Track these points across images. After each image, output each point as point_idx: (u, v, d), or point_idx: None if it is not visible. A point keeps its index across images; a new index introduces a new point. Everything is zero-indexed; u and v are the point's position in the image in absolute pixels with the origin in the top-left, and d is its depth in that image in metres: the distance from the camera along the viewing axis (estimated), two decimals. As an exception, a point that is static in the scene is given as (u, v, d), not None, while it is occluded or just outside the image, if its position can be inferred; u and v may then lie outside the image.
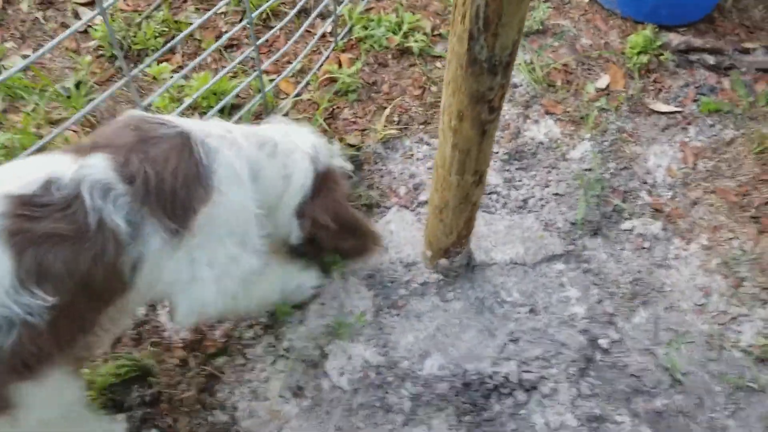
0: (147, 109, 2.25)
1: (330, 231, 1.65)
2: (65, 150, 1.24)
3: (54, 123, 2.23)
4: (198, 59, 2.01)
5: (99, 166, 1.18)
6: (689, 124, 2.29)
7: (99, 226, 1.16)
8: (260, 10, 2.21)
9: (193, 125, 1.35)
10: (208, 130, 1.36)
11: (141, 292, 1.33)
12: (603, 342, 1.86)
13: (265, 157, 1.46)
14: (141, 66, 1.90)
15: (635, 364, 1.83)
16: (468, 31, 1.18)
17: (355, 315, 1.84)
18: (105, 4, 1.54)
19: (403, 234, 2.01)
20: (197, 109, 2.19)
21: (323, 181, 1.60)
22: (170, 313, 1.50)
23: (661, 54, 2.41)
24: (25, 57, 2.39)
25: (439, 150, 1.51)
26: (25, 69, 2.38)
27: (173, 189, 1.23)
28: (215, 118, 1.59)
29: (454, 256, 1.80)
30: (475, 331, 1.84)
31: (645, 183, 2.16)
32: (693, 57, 2.43)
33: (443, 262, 1.83)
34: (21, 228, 1.09)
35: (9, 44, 2.43)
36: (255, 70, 2.07)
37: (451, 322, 1.85)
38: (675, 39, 2.44)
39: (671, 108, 2.33)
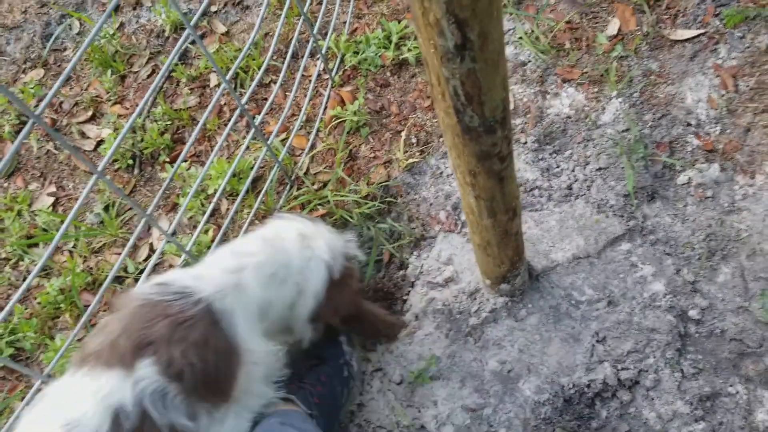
0: (175, 210, 2.27)
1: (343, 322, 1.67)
2: (108, 360, 1.20)
3: (97, 252, 2.28)
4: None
5: (149, 375, 1.17)
6: (717, 43, 2.12)
7: None
8: (231, 71, 2.16)
9: (209, 284, 1.31)
10: (219, 282, 1.32)
11: None
12: (693, 313, 1.77)
13: (275, 290, 1.43)
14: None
15: (733, 327, 1.74)
16: (453, 107, 1.11)
17: (427, 360, 1.82)
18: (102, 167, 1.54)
19: (457, 260, 1.96)
20: (221, 196, 2.19)
21: (336, 284, 1.54)
22: None
23: (666, -24, 2.23)
24: (51, 195, 2.44)
25: (463, 199, 1.44)
26: (54, 204, 2.44)
27: (216, 369, 1.24)
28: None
29: (513, 279, 1.74)
30: (558, 342, 1.79)
31: (689, 125, 2.02)
32: (701, -33, 2.23)
33: (504, 286, 1.77)
34: None
35: (32, 186, 2.48)
36: (260, 140, 2.03)
37: (532, 340, 1.80)
38: (676, -46, 2.24)
39: (693, 32, 2.15)
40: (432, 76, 1.08)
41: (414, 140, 2.21)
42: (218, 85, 2.51)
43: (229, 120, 2.44)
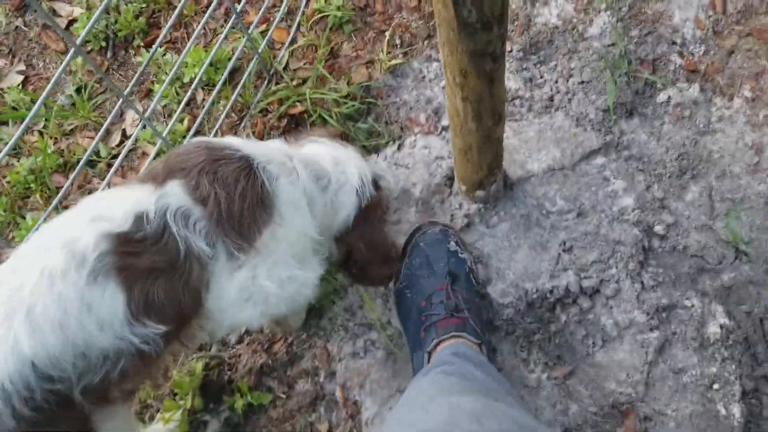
0: (148, 95, 2.22)
1: (363, 255, 1.66)
2: (144, 178, 1.30)
3: (68, 134, 2.23)
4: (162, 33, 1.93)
5: (176, 193, 1.24)
6: (712, -39, 2.09)
7: (186, 254, 1.23)
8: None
9: (256, 149, 1.37)
10: (270, 156, 1.38)
11: (206, 312, 1.35)
12: (658, 228, 1.82)
13: (318, 191, 1.47)
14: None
15: (695, 244, 1.80)
16: (451, -2, 1.08)
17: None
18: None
19: (434, 155, 1.96)
20: (197, 85, 2.14)
21: (365, 212, 1.58)
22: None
23: None
24: (21, 73, 2.36)
25: (449, 102, 1.43)
26: (24, 83, 2.37)
27: (241, 210, 1.27)
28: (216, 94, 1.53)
29: (489, 185, 1.76)
30: (526, 249, 1.83)
31: (674, 44, 2.01)
32: None
33: (480, 192, 1.79)
34: (127, 264, 1.17)
35: (0, 62, 2.39)
36: (240, 29, 1.98)
37: (501, 246, 1.85)
38: None
39: (689, -52, 2.11)
40: (430, -38, 1.06)
41: (398, 41, 2.16)
42: (198, -30, 2.40)
43: (207, 7, 2.36)
